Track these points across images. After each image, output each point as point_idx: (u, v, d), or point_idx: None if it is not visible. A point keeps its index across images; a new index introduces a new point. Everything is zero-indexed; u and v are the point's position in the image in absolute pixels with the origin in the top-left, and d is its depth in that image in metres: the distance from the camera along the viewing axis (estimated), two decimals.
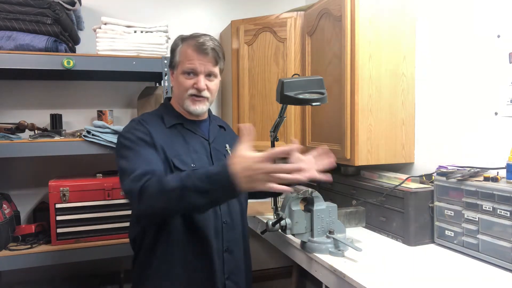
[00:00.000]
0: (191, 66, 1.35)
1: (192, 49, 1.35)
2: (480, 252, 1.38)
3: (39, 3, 1.92)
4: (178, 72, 1.38)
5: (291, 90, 1.52)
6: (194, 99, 1.38)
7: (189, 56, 1.35)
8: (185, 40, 1.39)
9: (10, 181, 2.33)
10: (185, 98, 1.38)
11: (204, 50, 1.34)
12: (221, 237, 1.37)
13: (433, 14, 1.80)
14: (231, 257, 1.40)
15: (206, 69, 1.36)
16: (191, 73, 1.35)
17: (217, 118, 1.62)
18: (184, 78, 1.36)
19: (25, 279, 2.30)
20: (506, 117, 1.48)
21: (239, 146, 1.10)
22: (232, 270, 1.40)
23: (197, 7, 2.70)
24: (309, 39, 2.12)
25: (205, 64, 1.35)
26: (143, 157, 1.25)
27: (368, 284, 1.20)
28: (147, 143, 1.29)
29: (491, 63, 1.54)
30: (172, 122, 1.40)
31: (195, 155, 1.36)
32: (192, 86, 1.36)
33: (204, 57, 1.35)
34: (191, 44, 1.35)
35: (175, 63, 1.39)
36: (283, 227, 1.45)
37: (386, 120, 1.83)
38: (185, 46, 1.37)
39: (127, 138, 1.31)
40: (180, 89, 1.39)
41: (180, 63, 1.37)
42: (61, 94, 2.41)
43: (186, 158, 1.33)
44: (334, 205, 1.51)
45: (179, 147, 1.35)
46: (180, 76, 1.37)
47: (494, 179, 1.36)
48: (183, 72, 1.36)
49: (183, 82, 1.36)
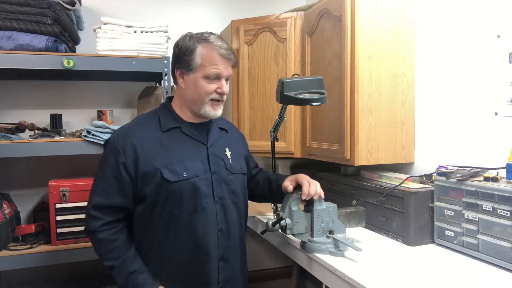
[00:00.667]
0: (217, 72, 1.33)
1: (217, 54, 1.32)
2: (480, 252, 1.38)
3: (39, 3, 1.92)
4: (197, 75, 1.34)
5: (291, 90, 1.52)
6: (214, 104, 1.38)
7: (214, 61, 1.32)
8: (204, 42, 1.34)
9: (10, 181, 2.33)
10: (205, 103, 1.36)
11: (229, 56, 1.34)
12: (216, 245, 1.36)
13: (433, 14, 1.80)
14: (227, 265, 1.39)
15: (228, 73, 1.37)
16: (214, 78, 1.34)
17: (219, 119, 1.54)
18: (206, 82, 1.34)
19: (25, 279, 2.30)
20: (506, 117, 1.48)
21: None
22: (227, 278, 1.39)
23: (197, 7, 2.70)
24: (309, 39, 2.12)
25: (228, 68, 1.36)
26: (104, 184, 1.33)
27: (368, 284, 1.20)
28: (118, 167, 1.32)
29: (491, 63, 1.54)
30: (169, 126, 1.38)
31: (188, 163, 1.34)
32: (214, 90, 1.35)
33: (228, 62, 1.35)
34: (215, 48, 1.32)
35: (194, 66, 1.33)
36: (283, 227, 1.44)
37: (386, 120, 1.83)
38: (208, 49, 1.33)
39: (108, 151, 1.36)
40: (199, 93, 1.35)
41: (203, 67, 1.33)
42: (61, 94, 2.42)
43: (177, 167, 1.32)
44: (334, 205, 1.51)
45: (171, 155, 1.33)
46: (201, 80, 1.34)
47: (494, 179, 1.36)
48: (205, 76, 1.33)
49: (205, 86, 1.34)
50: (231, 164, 1.44)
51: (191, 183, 1.32)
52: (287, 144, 2.23)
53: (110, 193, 1.32)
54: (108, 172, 1.33)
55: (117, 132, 1.39)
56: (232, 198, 1.42)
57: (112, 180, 1.32)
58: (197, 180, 1.33)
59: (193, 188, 1.32)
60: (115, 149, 1.33)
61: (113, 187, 1.32)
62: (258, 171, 1.72)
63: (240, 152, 1.55)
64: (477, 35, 1.59)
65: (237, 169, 1.47)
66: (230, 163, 1.44)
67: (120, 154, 1.31)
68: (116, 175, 1.31)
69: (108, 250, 1.32)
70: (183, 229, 1.32)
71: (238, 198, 1.44)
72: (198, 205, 1.33)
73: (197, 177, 1.33)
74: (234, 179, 1.43)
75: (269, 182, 1.61)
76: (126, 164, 1.31)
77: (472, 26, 1.61)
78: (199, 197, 1.33)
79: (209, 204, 1.35)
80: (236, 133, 1.63)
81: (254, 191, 1.63)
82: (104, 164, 1.35)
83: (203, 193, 1.34)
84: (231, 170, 1.43)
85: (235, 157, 1.48)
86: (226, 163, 1.43)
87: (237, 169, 1.46)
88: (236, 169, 1.46)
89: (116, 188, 1.32)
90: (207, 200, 1.34)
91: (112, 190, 1.32)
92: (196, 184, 1.32)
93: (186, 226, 1.32)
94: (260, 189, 1.63)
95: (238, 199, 1.44)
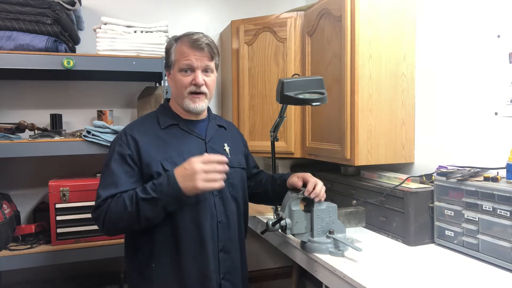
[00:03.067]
0: (188, 62, 1.36)
1: (186, 45, 1.36)
2: (480, 252, 1.38)
3: (39, 3, 1.92)
4: (174, 71, 1.39)
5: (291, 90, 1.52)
6: (193, 97, 1.39)
7: (184, 53, 1.36)
8: (179, 39, 1.40)
9: (10, 181, 2.33)
10: (185, 97, 1.38)
11: (199, 46, 1.35)
12: (217, 237, 1.38)
13: (433, 14, 1.80)
14: (227, 256, 1.40)
15: (203, 64, 1.37)
16: (188, 70, 1.37)
17: (218, 117, 1.62)
18: (181, 75, 1.37)
19: (25, 279, 2.30)
20: (506, 117, 1.48)
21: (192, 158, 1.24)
22: (228, 270, 1.41)
23: (197, 7, 2.70)
24: (309, 39, 2.12)
25: (201, 59, 1.36)
26: (113, 178, 1.31)
27: (368, 284, 1.20)
28: (125, 159, 1.33)
29: (491, 63, 1.54)
30: (167, 123, 1.42)
31: (188, 156, 1.34)
32: (190, 83, 1.37)
33: (199, 52, 1.36)
34: (185, 41, 1.37)
35: (171, 63, 1.40)
36: (283, 227, 1.44)
37: (386, 120, 1.83)
38: (180, 44, 1.38)
39: (112, 149, 1.37)
40: (178, 88, 1.39)
41: (176, 61, 1.38)
42: (61, 94, 2.42)
43: (178, 160, 1.33)
44: (334, 205, 1.51)
45: (172, 149, 1.36)
46: (177, 74, 1.38)
47: (494, 179, 1.36)
48: (180, 69, 1.37)
49: (181, 79, 1.37)
50: (230, 158, 1.45)
51: None
52: (287, 144, 2.23)
53: (119, 183, 1.30)
54: (115, 167, 1.32)
55: (119, 133, 1.43)
56: (231, 191, 1.44)
57: (121, 173, 1.31)
58: None
59: None
60: (119, 144, 1.36)
61: (122, 178, 1.31)
62: (259, 171, 1.73)
63: (239, 149, 1.58)
64: (477, 35, 1.59)
65: (236, 163, 1.49)
66: (229, 157, 1.46)
67: (124, 147, 1.34)
68: (125, 167, 1.32)
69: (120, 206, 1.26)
70: (185, 220, 1.33)
71: (236, 191, 1.46)
72: (200, 196, 1.34)
73: None
74: (233, 173, 1.45)
75: (272, 179, 1.62)
76: (132, 155, 1.33)
77: (472, 26, 1.61)
78: None
79: (209, 196, 1.37)
80: (235, 131, 1.66)
81: (256, 190, 1.64)
82: (110, 161, 1.35)
83: None
84: (230, 164, 1.43)
85: (233, 152, 1.51)
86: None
87: (235, 163, 1.49)
88: (234, 163, 1.48)
89: (126, 177, 1.31)
90: (207, 192, 1.36)
91: (121, 180, 1.31)
92: None
93: (188, 217, 1.33)
94: (263, 187, 1.63)
95: (236, 192, 1.46)
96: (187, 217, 1.33)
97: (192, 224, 1.34)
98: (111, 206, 1.27)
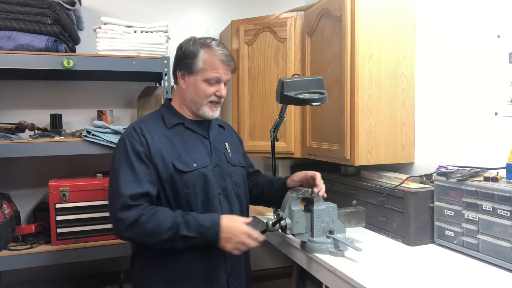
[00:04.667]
0: (217, 76, 1.40)
1: (219, 59, 1.40)
2: (480, 252, 1.38)
3: (39, 3, 1.92)
4: (198, 78, 1.40)
5: (291, 90, 1.52)
6: (212, 106, 1.44)
7: (215, 66, 1.40)
8: (207, 48, 1.40)
9: (10, 181, 2.33)
10: (204, 104, 1.43)
11: (229, 62, 1.42)
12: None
13: (433, 14, 1.80)
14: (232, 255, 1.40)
15: (227, 77, 1.44)
16: (214, 82, 1.41)
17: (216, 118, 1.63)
18: (206, 85, 1.41)
19: (25, 279, 2.30)
20: (506, 117, 1.48)
21: (240, 218, 1.33)
22: (234, 267, 1.43)
23: (197, 7, 2.69)
24: (309, 39, 2.12)
25: (227, 73, 1.43)
26: (134, 175, 1.30)
27: (368, 284, 1.20)
28: (140, 156, 1.32)
29: (491, 63, 1.54)
30: (174, 122, 1.44)
31: (197, 155, 1.40)
32: (213, 93, 1.42)
33: (227, 68, 1.42)
34: (218, 54, 1.40)
35: (196, 69, 1.40)
36: (283, 227, 1.45)
37: (386, 120, 1.83)
38: (211, 55, 1.40)
39: (125, 146, 1.35)
40: (199, 95, 1.42)
41: (204, 70, 1.40)
42: (61, 94, 2.41)
43: (187, 159, 1.37)
44: (334, 205, 1.51)
45: (180, 148, 1.39)
46: (202, 83, 1.40)
47: (494, 179, 1.36)
48: (206, 79, 1.40)
49: (205, 89, 1.41)
50: (231, 157, 1.51)
51: (201, 173, 1.37)
52: (287, 144, 2.23)
53: (142, 182, 1.30)
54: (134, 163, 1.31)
55: (128, 130, 1.40)
56: (235, 189, 1.47)
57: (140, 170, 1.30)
58: (206, 170, 1.39)
59: (203, 178, 1.38)
60: (131, 141, 1.34)
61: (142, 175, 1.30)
62: (255, 171, 1.73)
63: (238, 148, 1.61)
64: (477, 35, 1.59)
65: (237, 162, 1.53)
66: (230, 156, 1.50)
67: (138, 145, 1.33)
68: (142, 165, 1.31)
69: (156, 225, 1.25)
70: None
71: (240, 189, 1.49)
72: (209, 193, 1.38)
73: (206, 167, 1.39)
74: (235, 171, 1.49)
75: (270, 182, 1.64)
76: (146, 153, 1.33)
77: (472, 26, 1.61)
78: (209, 186, 1.39)
79: (214, 194, 1.40)
80: (232, 131, 1.69)
81: (252, 192, 1.64)
82: (123, 158, 1.32)
83: (212, 182, 1.39)
84: (232, 163, 1.50)
85: (234, 152, 1.54)
86: (227, 156, 1.49)
87: (237, 162, 1.53)
88: (236, 162, 1.52)
89: (145, 175, 1.31)
90: (214, 190, 1.40)
91: (142, 178, 1.30)
92: (205, 173, 1.38)
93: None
94: (260, 189, 1.64)
95: (240, 190, 1.49)
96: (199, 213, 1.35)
97: None
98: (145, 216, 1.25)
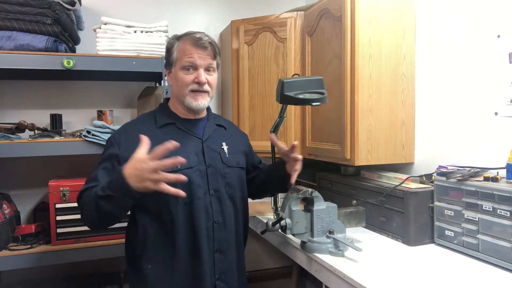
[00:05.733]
0: (191, 60, 1.36)
1: (189, 43, 1.36)
2: (480, 252, 1.38)
3: (39, 3, 1.92)
4: (176, 69, 1.39)
5: (291, 90, 1.52)
6: (195, 94, 1.38)
7: (187, 51, 1.36)
8: (181, 37, 1.40)
9: (10, 181, 2.33)
10: (186, 95, 1.38)
11: (202, 44, 1.36)
12: (212, 237, 1.37)
13: (433, 14, 1.80)
14: (223, 257, 1.39)
15: (206, 62, 1.37)
16: (191, 68, 1.37)
17: (218, 117, 1.62)
18: (184, 73, 1.37)
19: (25, 279, 2.30)
20: (506, 117, 1.48)
21: (137, 149, 1.17)
22: (223, 270, 1.39)
23: (197, 7, 2.70)
24: (309, 39, 2.12)
25: (204, 57, 1.37)
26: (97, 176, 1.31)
27: (368, 284, 1.20)
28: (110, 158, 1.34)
29: (491, 63, 1.54)
30: (164, 122, 1.42)
31: (185, 155, 1.32)
32: (192, 81, 1.37)
33: (202, 51, 1.36)
34: (188, 39, 1.37)
35: (173, 61, 1.40)
36: (283, 227, 1.45)
37: (386, 120, 1.83)
38: (182, 42, 1.38)
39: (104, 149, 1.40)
40: (180, 86, 1.39)
41: (178, 59, 1.38)
42: (61, 94, 2.41)
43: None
44: (334, 205, 1.51)
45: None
46: (179, 72, 1.38)
47: (494, 179, 1.36)
48: (182, 67, 1.37)
49: (183, 77, 1.37)
50: (227, 158, 1.46)
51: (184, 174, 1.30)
52: (287, 144, 2.23)
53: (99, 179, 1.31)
54: (101, 164, 1.35)
55: (116, 131, 1.44)
56: (228, 191, 1.43)
57: (103, 170, 1.33)
58: (190, 172, 1.34)
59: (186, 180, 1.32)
60: (110, 143, 1.38)
61: (102, 176, 1.32)
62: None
63: (239, 148, 1.56)
64: (477, 35, 1.59)
65: (234, 163, 1.48)
66: (226, 156, 1.46)
67: (115, 147, 1.35)
68: (108, 166, 1.33)
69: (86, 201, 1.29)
70: (180, 220, 1.33)
71: (234, 191, 1.45)
72: (193, 195, 1.34)
73: (190, 168, 1.35)
74: (230, 172, 1.45)
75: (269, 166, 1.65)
76: (119, 156, 1.33)
77: (472, 26, 1.61)
78: (193, 188, 1.34)
79: (205, 195, 1.37)
80: (236, 131, 1.65)
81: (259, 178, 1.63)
82: (100, 159, 1.38)
83: (196, 184, 1.35)
84: (228, 164, 1.45)
85: (232, 152, 1.49)
86: (223, 156, 1.45)
87: (233, 163, 1.48)
88: (232, 163, 1.47)
89: (106, 177, 1.31)
90: (202, 191, 1.36)
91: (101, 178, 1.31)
92: (189, 175, 1.31)
93: (182, 217, 1.33)
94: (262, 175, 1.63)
95: (234, 192, 1.45)
96: (181, 216, 1.33)
97: (187, 223, 1.33)
98: (82, 200, 1.31)
